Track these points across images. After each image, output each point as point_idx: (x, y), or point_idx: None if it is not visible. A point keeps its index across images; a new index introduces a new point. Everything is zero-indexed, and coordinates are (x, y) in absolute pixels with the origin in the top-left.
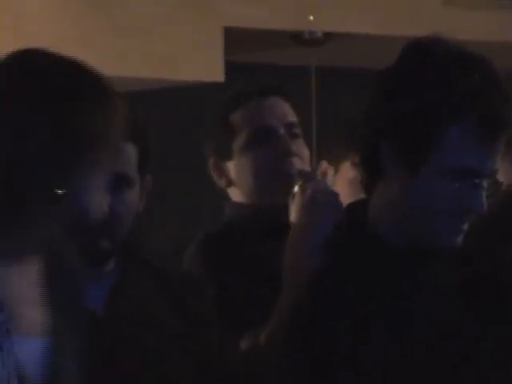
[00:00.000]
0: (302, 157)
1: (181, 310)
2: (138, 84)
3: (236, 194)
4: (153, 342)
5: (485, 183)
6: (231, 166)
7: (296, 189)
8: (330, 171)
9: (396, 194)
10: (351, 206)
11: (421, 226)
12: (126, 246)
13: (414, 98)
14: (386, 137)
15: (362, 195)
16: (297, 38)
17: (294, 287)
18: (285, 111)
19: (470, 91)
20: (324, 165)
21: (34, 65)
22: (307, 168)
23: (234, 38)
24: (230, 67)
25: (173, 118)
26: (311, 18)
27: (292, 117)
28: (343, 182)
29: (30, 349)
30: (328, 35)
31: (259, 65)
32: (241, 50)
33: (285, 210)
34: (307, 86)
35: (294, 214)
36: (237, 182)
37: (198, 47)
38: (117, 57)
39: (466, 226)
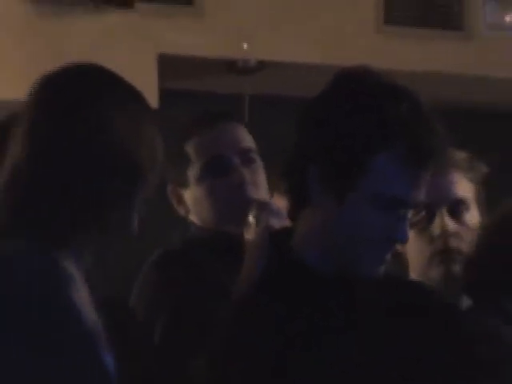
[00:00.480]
0: (257, 184)
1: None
2: None
3: (195, 220)
4: None
5: (409, 213)
6: (187, 195)
7: (251, 219)
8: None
9: (322, 220)
10: (276, 232)
11: (345, 254)
12: None
13: (343, 125)
14: (314, 162)
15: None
16: (231, 66)
17: None
18: (239, 137)
19: (398, 121)
20: (277, 198)
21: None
22: (263, 194)
23: (169, 65)
24: (165, 94)
25: None
26: (245, 46)
27: (247, 142)
28: None
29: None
30: (262, 63)
31: (194, 92)
32: (175, 77)
33: (240, 237)
34: (241, 113)
35: (248, 244)
36: (193, 211)
37: (132, 73)
38: None
39: (388, 256)
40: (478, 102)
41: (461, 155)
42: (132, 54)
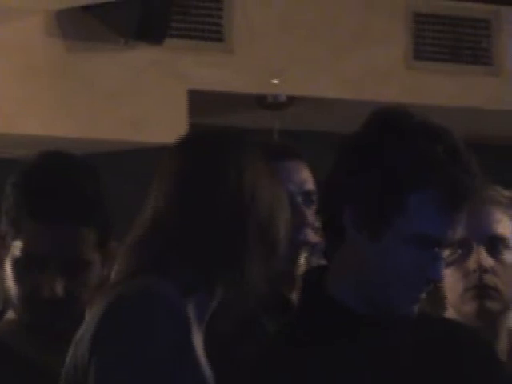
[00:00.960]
0: (314, 227)
1: None
2: (104, 145)
3: None
4: None
5: (444, 252)
6: None
7: (302, 260)
8: None
9: (356, 259)
10: (310, 269)
11: (378, 292)
12: None
13: (378, 165)
14: (350, 201)
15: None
16: (260, 101)
17: None
18: (304, 177)
19: (434, 161)
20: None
21: None
22: (316, 237)
23: (199, 101)
24: (195, 130)
25: (139, 179)
26: (275, 81)
27: (311, 184)
28: None
29: None
30: (292, 98)
31: (222, 127)
32: (205, 113)
33: (291, 277)
34: None
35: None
36: None
37: (162, 109)
38: (85, 119)
39: (423, 295)
40: (508, 137)
41: (503, 192)
42: (162, 90)
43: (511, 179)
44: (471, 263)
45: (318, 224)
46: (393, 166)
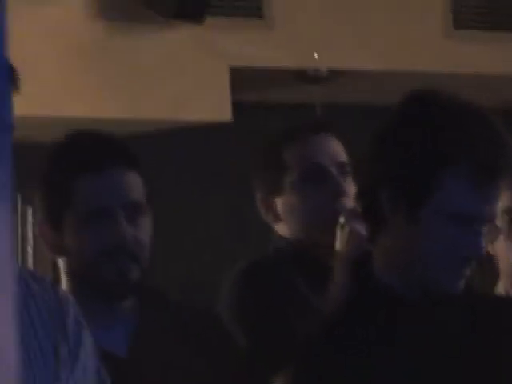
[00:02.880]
0: (351, 196)
1: (199, 347)
2: (147, 125)
3: (282, 230)
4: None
5: (484, 229)
6: (280, 202)
7: (339, 228)
8: None
9: (397, 242)
10: (357, 259)
11: (422, 273)
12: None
13: (412, 145)
14: (385, 184)
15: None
16: (302, 76)
17: None
18: (337, 149)
19: (465, 138)
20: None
21: None
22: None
23: (240, 78)
24: (236, 106)
25: (183, 158)
26: (316, 55)
27: (343, 156)
28: None
29: None
30: (333, 72)
31: (265, 103)
32: (247, 89)
33: (330, 249)
34: None
35: (337, 257)
36: (285, 218)
37: (205, 87)
38: (127, 99)
39: (467, 271)
40: None
41: None
42: (204, 68)
43: None
44: None
45: (353, 194)
46: (424, 146)
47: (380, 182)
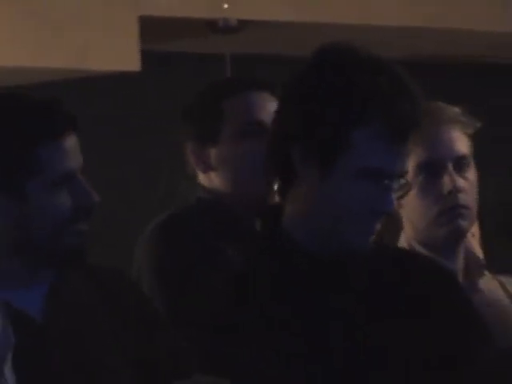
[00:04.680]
0: None
1: (119, 309)
2: (54, 74)
3: (213, 181)
4: (92, 345)
5: (394, 184)
6: (214, 152)
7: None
8: None
9: (308, 197)
10: (266, 209)
11: (331, 229)
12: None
13: (322, 100)
14: (296, 140)
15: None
16: (212, 26)
17: None
18: (274, 107)
19: (376, 94)
20: None
21: None
22: None
23: (149, 27)
24: (146, 56)
25: (93, 108)
26: (225, 5)
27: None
28: None
29: None
30: (243, 23)
31: (174, 53)
32: (156, 39)
33: (257, 202)
34: (223, 73)
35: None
36: (218, 169)
37: (114, 36)
38: (34, 47)
39: (377, 227)
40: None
41: (455, 110)
42: (113, 16)
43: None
44: (445, 185)
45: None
46: (335, 102)
47: (292, 138)
